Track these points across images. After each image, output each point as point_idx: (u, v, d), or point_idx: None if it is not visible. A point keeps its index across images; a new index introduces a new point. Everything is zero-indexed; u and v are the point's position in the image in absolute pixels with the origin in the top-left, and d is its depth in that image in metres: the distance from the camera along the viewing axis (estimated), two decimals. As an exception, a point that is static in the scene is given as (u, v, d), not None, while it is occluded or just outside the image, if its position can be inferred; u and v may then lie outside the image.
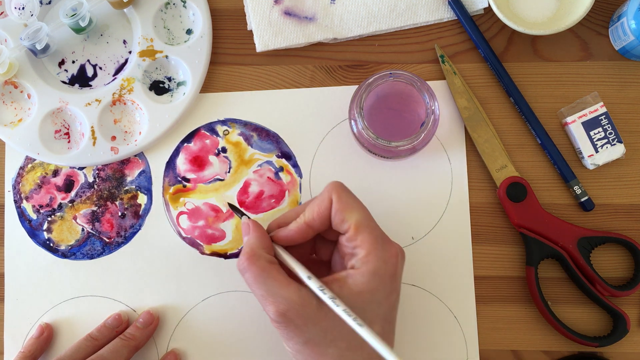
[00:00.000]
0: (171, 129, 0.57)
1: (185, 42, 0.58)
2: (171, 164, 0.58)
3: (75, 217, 0.58)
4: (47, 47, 0.57)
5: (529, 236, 0.54)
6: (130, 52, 0.59)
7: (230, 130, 0.58)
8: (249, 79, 0.58)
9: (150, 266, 0.57)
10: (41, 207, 0.58)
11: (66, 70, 0.59)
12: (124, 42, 0.59)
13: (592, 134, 0.54)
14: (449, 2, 0.56)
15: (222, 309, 0.56)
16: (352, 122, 0.53)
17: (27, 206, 0.58)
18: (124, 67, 0.58)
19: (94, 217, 0.58)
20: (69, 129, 0.58)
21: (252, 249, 0.46)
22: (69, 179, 0.58)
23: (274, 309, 0.43)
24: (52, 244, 0.58)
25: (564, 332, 0.53)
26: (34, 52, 0.57)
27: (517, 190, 0.54)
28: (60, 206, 0.58)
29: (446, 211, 0.56)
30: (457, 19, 0.57)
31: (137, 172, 0.58)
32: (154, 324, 0.56)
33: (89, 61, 0.59)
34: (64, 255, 0.58)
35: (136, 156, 0.58)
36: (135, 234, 0.57)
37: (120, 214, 0.58)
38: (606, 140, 0.54)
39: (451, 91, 0.56)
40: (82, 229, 0.58)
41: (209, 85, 0.58)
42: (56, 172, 0.58)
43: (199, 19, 0.58)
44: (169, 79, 0.58)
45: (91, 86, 0.59)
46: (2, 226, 0.58)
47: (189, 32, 0.58)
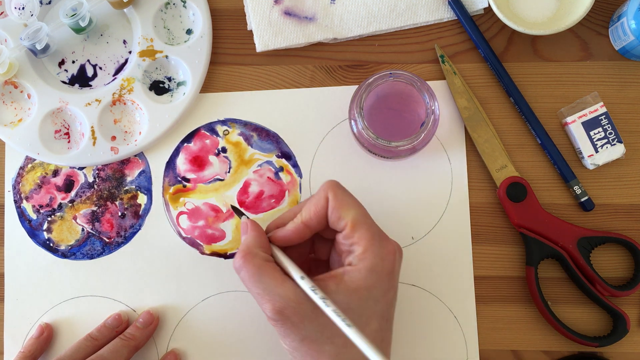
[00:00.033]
0: (171, 129, 0.57)
1: (185, 42, 0.58)
2: (171, 164, 0.58)
3: (75, 217, 0.58)
4: (47, 47, 0.57)
5: (529, 236, 0.54)
6: (130, 52, 0.59)
7: (230, 130, 0.58)
8: (249, 79, 0.58)
9: (150, 266, 0.57)
10: (41, 207, 0.58)
11: (66, 70, 0.59)
12: (124, 42, 0.59)
13: (592, 134, 0.54)
14: (449, 2, 0.56)
15: (222, 309, 0.56)
16: (352, 122, 0.53)
17: (27, 206, 0.58)
18: (124, 67, 0.58)
19: (94, 217, 0.58)
20: (69, 129, 0.58)
21: (248, 247, 0.46)
22: (69, 179, 0.58)
23: (271, 306, 0.44)
24: (52, 244, 0.58)
25: (564, 332, 0.53)
26: (34, 52, 0.57)
27: (517, 190, 0.54)
28: (60, 206, 0.58)
29: (446, 211, 0.56)
30: (457, 19, 0.57)
31: (137, 172, 0.58)
32: (154, 324, 0.56)
33: (89, 61, 0.59)
34: (64, 255, 0.58)
35: (136, 156, 0.58)
36: (135, 234, 0.57)
37: (120, 214, 0.58)
38: (606, 140, 0.54)
39: (451, 91, 0.56)
40: (82, 229, 0.58)
41: (209, 85, 0.58)
42: (56, 172, 0.58)
43: (199, 19, 0.58)
44: (169, 79, 0.58)
45: (91, 86, 0.59)
46: (2, 226, 0.58)
47: (189, 32, 0.58)
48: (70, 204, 0.58)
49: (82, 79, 0.59)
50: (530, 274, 0.54)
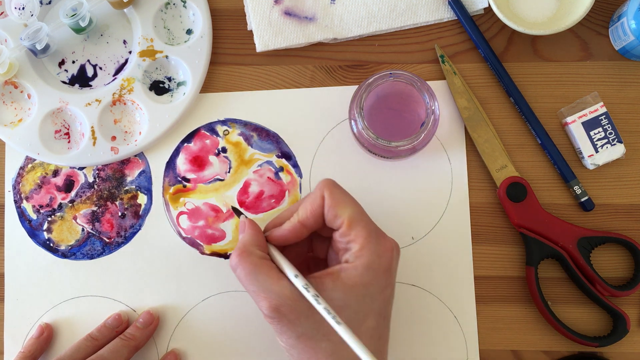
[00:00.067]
0: (171, 129, 0.57)
1: (185, 42, 0.58)
2: (171, 164, 0.58)
3: (75, 217, 0.58)
4: (47, 47, 0.57)
5: (529, 236, 0.54)
6: (130, 52, 0.59)
7: (230, 130, 0.58)
8: (249, 79, 0.58)
9: (150, 266, 0.57)
10: (41, 207, 0.58)
11: (66, 70, 0.59)
12: (124, 42, 0.59)
13: (592, 134, 0.54)
14: (449, 2, 0.56)
15: (222, 309, 0.56)
16: (352, 122, 0.53)
17: (27, 206, 0.58)
18: (124, 67, 0.58)
19: (94, 217, 0.58)
20: (69, 129, 0.58)
21: (244, 245, 0.46)
22: (69, 179, 0.58)
23: (267, 304, 0.44)
24: (52, 244, 0.58)
25: (564, 332, 0.53)
26: (34, 52, 0.57)
27: (517, 190, 0.54)
28: (60, 206, 0.58)
29: (446, 211, 0.56)
30: (457, 19, 0.57)
31: (137, 172, 0.58)
32: (154, 324, 0.56)
33: (89, 61, 0.59)
34: (64, 255, 0.58)
35: (136, 156, 0.58)
36: (135, 234, 0.57)
37: (120, 214, 0.58)
38: (606, 140, 0.54)
39: (451, 91, 0.56)
40: (82, 229, 0.58)
41: (209, 85, 0.58)
42: (56, 172, 0.58)
43: (199, 19, 0.58)
44: (169, 79, 0.58)
45: (91, 86, 0.59)
46: (2, 226, 0.58)
47: (189, 32, 0.58)
48: (70, 204, 0.58)
49: (82, 79, 0.59)
50: (530, 274, 0.54)
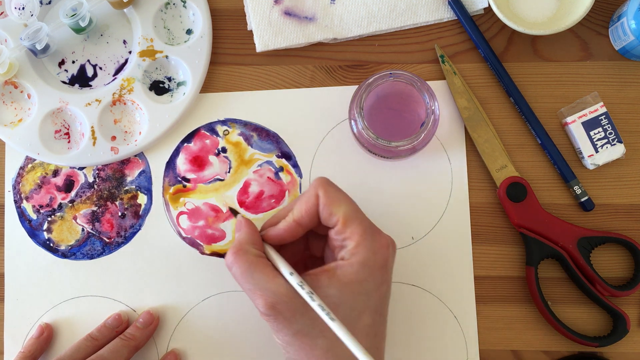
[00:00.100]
0: (171, 129, 0.57)
1: (185, 42, 0.58)
2: (171, 164, 0.58)
3: (75, 217, 0.58)
4: (47, 47, 0.57)
5: (529, 236, 0.54)
6: (130, 52, 0.59)
7: (230, 130, 0.58)
8: (249, 79, 0.58)
9: (150, 266, 0.57)
10: (41, 207, 0.58)
11: (66, 70, 0.59)
12: (124, 42, 0.59)
13: (592, 134, 0.54)
14: (449, 2, 0.56)
15: (222, 309, 0.56)
16: (352, 122, 0.53)
17: (27, 206, 0.58)
18: (124, 67, 0.58)
19: (94, 217, 0.58)
20: (69, 129, 0.58)
21: (240, 244, 0.46)
22: (69, 179, 0.58)
23: (263, 302, 0.44)
24: (52, 244, 0.58)
25: (564, 332, 0.53)
26: (34, 52, 0.57)
27: (517, 190, 0.54)
28: (60, 206, 0.58)
29: (446, 211, 0.56)
30: (457, 19, 0.57)
31: (137, 172, 0.58)
32: (154, 324, 0.56)
33: (89, 61, 0.59)
34: (64, 255, 0.58)
35: (136, 156, 0.58)
36: (135, 234, 0.57)
37: (120, 214, 0.58)
38: (606, 140, 0.54)
39: (451, 91, 0.56)
40: (82, 229, 0.58)
41: (209, 85, 0.58)
42: (56, 172, 0.58)
43: (199, 19, 0.58)
44: (169, 79, 0.58)
45: (91, 86, 0.59)
46: (2, 226, 0.58)
47: (189, 32, 0.58)
48: (70, 204, 0.58)
49: (82, 79, 0.59)
50: (530, 274, 0.54)
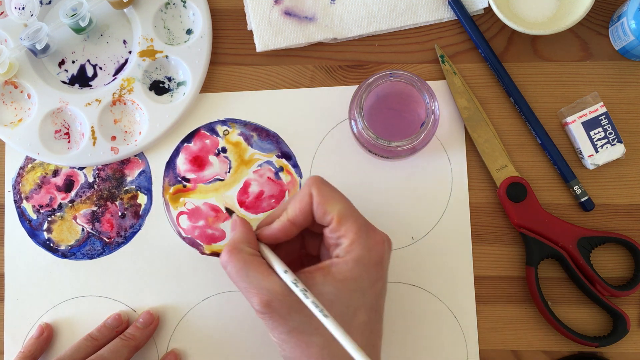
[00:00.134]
0: (171, 129, 0.57)
1: (185, 42, 0.58)
2: (171, 164, 0.58)
3: (75, 217, 0.58)
4: (47, 47, 0.57)
5: (529, 236, 0.54)
6: (130, 52, 0.59)
7: (230, 130, 0.58)
8: (249, 79, 0.58)
9: (150, 266, 0.57)
10: (41, 207, 0.58)
11: (66, 70, 0.59)
12: (124, 42, 0.59)
13: (592, 134, 0.54)
14: (449, 2, 0.56)
15: (222, 309, 0.56)
16: (352, 122, 0.53)
17: (27, 206, 0.58)
18: (124, 67, 0.58)
19: (94, 217, 0.58)
20: (69, 129, 0.58)
21: (234, 242, 0.46)
22: (69, 179, 0.58)
23: (258, 300, 0.44)
24: (52, 244, 0.58)
25: (564, 332, 0.53)
26: (34, 52, 0.57)
27: (517, 190, 0.54)
28: (60, 206, 0.58)
29: (446, 211, 0.56)
30: (457, 19, 0.57)
31: (137, 172, 0.58)
32: (154, 324, 0.56)
33: (89, 61, 0.59)
34: (64, 255, 0.58)
35: (136, 156, 0.58)
36: (135, 234, 0.57)
37: (120, 214, 0.58)
38: (606, 140, 0.54)
39: (451, 91, 0.56)
40: (82, 229, 0.58)
41: (209, 85, 0.58)
42: (56, 172, 0.58)
43: (199, 19, 0.58)
44: (169, 79, 0.58)
45: (91, 86, 0.59)
46: (2, 226, 0.58)
47: (189, 32, 0.58)
48: (70, 204, 0.58)
49: (82, 79, 0.59)
50: (530, 274, 0.54)
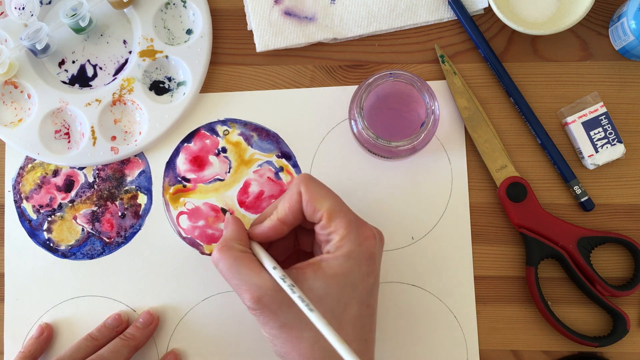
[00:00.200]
0: (171, 129, 0.57)
1: (185, 42, 0.58)
2: (171, 164, 0.58)
3: (75, 217, 0.58)
4: (47, 47, 0.57)
5: (529, 236, 0.54)
6: (130, 52, 0.59)
7: (230, 130, 0.58)
8: (249, 79, 0.58)
9: (150, 266, 0.57)
10: (41, 207, 0.58)
11: (66, 70, 0.59)
12: (124, 42, 0.59)
13: (592, 134, 0.54)
14: (449, 2, 0.56)
15: (222, 309, 0.56)
16: (352, 122, 0.53)
17: (27, 206, 0.58)
18: (124, 67, 0.58)
19: (94, 217, 0.58)
20: (69, 129, 0.58)
21: (225, 240, 0.47)
22: (69, 179, 0.58)
23: (249, 296, 0.44)
24: (52, 244, 0.58)
25: (564, 332, 0.53)
26: (34, 52, 0.57)
27: (517, 190, 0.54)
28: (60, 206, 0.58)
29: (446, 211, 0.56)
30: (457, 19, 0.57)
31: (137, 172, 0.58)
32: (154, 324, 0.56)
33: (89, 61, 0.59)
34: (64, 255, 0.58)
35: (136, 156, 0.58)
36: (135, 234, 0.57)
37: (120, 214, 0.58)
38: (606, 140, 0.54)
39: (451, 91, 0.56)
40: (82, 229, 0.58)
41: (209, 85, 0.58)
42: (56, 172, 0.58)
43: (199, 19, 0.58)
44: (169, 79, 0.58)
45: (91, 86, 0.59)
46: (2, 226, 0.58)
47: (189, 32, 0.58)
48: (70, 204, 0.58)
49: (82, 79, 0.59)
50: (530, 274, 0.54)
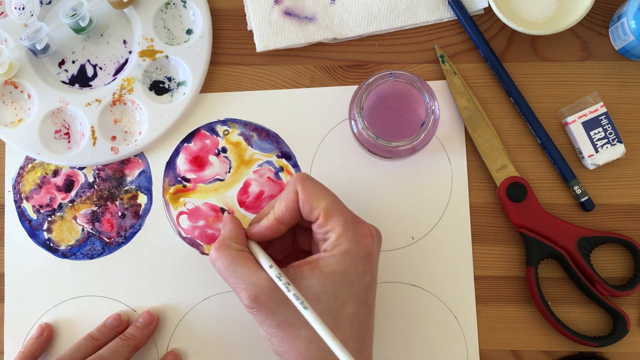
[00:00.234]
0: (171, 129, 0.57)
1: (185, 42, 0.58)
2: (171, 164, 0.58)
3: (75, 217, 0.58)
4: (47, 47, 0.57)
5: (529, 236, 0.54)
6: (130, 52, 0.59)
7: (230, 130, 0.58)
8: (249, 79, 0.58)
9: (150, 266, 0.57)
10: (41, 207, 0.58)
11: (66, 70, 0.59)
12: (124, 42, 0.59)
13: (592, 134, 0.54)
14: (449, 2, 0.56)
15: (222, 309, 0.56)
16: (352, 122, 0.53)
17: (27, 206, 0.58)
18: (124, 67, 0.58)
19: (94, 217, 0.58)
20: (69, 129, 0.58)
21: (222, 239, 0.47)
22: (69, 179, 0.58)
23: (246, 294, 0.44)
24: (52, 244, 0.58)
25: (564, 332, 0.53)
26: (34, 52, 0.57)
27: (517, 190, 0.54)
28: (60, 206, 0.58)
29: (446, 211, 0.56)
30: (457, 19, 0.57)
31: (137, 172, 0.58)
32: (154, 324, 0.56)
33: (89, 61, 0.59)
34: (64, 255, 0.58)
35: (136, 156, 0.58)
36: (135, 234, 0.57)
37: (120, 214, 0.58)
38: (606, 140, 0.54)
39: (451, 91, 0.56)
40: (82, 229, 0.58)
41: (209, 85, 0.58)
42: (56, 172, 0.58)
43: (199, 19, 0.58)
44: (169, 79, 0.58)
45: (91, 86, 0.59)
46: (2, 226, 0.58)
47: (189, 32, 0.58)
48: (70, 204, 0.58)
49: (82, 79, 0.59)
50: (530, 274, 0.54)
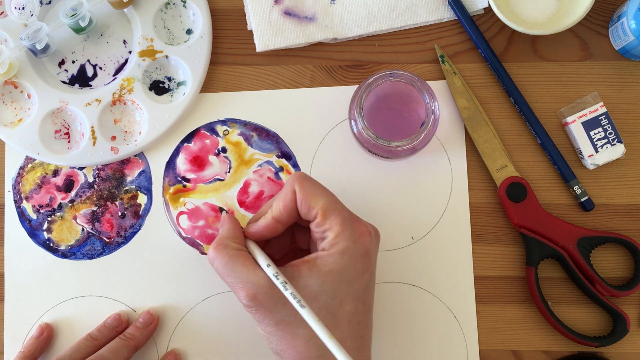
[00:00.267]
0: (171, 129, 0.57)
1: (185, 42, 0.58)
2: (171, 164, 0.58)
3: (75, 217, 0.58)
4: (47, 47, 0.57)
5: (529, 236, 0.54)
6: (130, 52, 0.59)
7: (230, 130, 0.58)
8: (249, 79, 0.58)
9: (150, 266, 0.57)
10: (41, 207, 0.58)
11: (66, 70, 0.59)
12: (124, 42, 0.59)
13: (592, 134, 0.54)
14: (449, 2, 0.56)
15: (222, 309, 0.56)
16: (352, 122, 0.53)
17: (27, 206, 0.58)
18: (124, 67, 0.58)
19: (94, 217, 0.58)
20: (69, 129, 0.58)
21: (221, 239, 0.47)
22: (69, 179, 0.58)
23: (244, 293, 0.44)
24: (52, 244, 0.58)
25: (564, 332, 0.53)
26: (34, 52, 0.57)
27: (517, 190, 0.54)
28: (60, 206, 0.58)
29: (446, 211, 0.56)
30: (457, 19, 0.57)
31: (137, 172, 0.58)
32: (154, 324, 0.56)
33: (89, 61, 0.59)
34: (64, 255, 0.58)
35: (136, 156, 0.58)
36: (135, 234, 0.57)
37: (120, 214, 0.58)
38: (606, 140, 0.54)
39: (451, 91, 0.56)
40: (82, 229, 0.58)
41: (209, 85, 0.58)
42: (56, 172, 0.58)
43: (199, 19, 0.58)
44: (169, 79, 0.58)
45: (91, 86, 0.59)
46: (2, 226, 0.58)
47: (189, 32, 0.58)
48: (70, 204, 0.58)
49: (82, 79, 0.59)
50: (530, 274, 0.54)
